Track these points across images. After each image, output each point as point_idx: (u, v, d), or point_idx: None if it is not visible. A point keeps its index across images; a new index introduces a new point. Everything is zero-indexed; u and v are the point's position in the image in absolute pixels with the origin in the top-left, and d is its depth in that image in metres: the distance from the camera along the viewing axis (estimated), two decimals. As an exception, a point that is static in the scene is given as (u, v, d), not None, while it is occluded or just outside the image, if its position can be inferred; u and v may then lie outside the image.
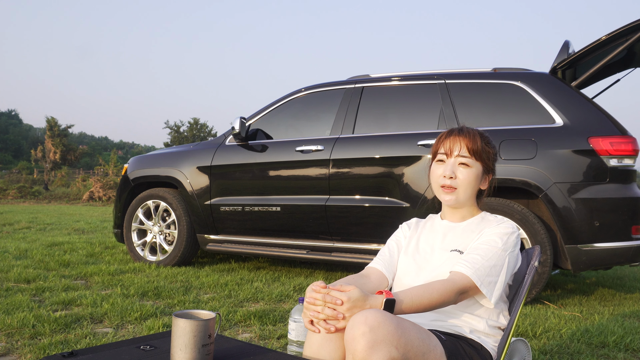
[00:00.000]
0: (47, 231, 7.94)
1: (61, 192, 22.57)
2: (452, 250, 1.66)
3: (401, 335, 1.31)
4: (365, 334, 1.27)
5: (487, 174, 1.70)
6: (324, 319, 1.40)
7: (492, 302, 1.55)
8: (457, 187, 1.65)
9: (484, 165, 1.67)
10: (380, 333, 1.28)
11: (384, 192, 4.03)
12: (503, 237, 1.59)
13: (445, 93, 4.05)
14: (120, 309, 3.12)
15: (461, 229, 1.70)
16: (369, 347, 1.27)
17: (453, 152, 1.66)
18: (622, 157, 3.53)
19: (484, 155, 1.66)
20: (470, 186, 1.66)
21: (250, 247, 4.54)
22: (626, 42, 3.59)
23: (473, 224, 1.70)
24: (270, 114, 4.75)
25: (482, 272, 1.53)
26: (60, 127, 31.97)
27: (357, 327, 1.29)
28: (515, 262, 1.62)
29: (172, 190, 4.96)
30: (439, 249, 1.69)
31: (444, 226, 1.74)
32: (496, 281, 1.55)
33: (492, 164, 1.71)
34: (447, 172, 1.65)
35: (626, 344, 2.76)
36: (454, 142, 1.67)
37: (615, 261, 3.59)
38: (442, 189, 1.68)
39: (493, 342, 1.60)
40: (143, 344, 1.51)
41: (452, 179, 1.65)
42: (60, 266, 4.66)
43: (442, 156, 1.68)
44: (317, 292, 1.41)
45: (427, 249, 1.72)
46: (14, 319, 2.82)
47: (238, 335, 2.81)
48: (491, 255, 1.56)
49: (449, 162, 1.66)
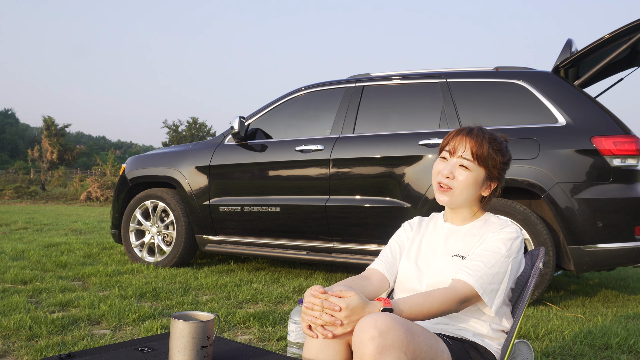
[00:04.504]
0: (44, 232, 7.91)
1: (58, 192, 22.54)
2: (453, 255, 1.63)
3: (410, 341, 1.29)
4: (374, 338, 1.25)
5: (491, 180, 1.64)
6: (321, 325, 1.37)
7: (493, 310, 1.52)
8: (453, 187, 1.62)
9: (487, 171, 1.61)
10: (390, 338, 1.26)
11: (384, 192, 4.00)
12: (507, 242, 1.56)
13: (446, 92, 4.03)
14: (118, 310, 3.10)
15: (463, 232, 1.67)
16: (377, 351, 1.24)
17: (457, 152, 1.62)
18: (626, 157, 3.51)
19: (488, 161, 1.60)
20: (467, 190, 1.61)
21: (249, 248, 4.51)
22: (629, 40, 3.57)
23: (475, 227, 1.66)
24: (270, 113, 4.72)
25: (485, 280, 1.50)
26: (57, 127, 31.92)
27: (366, 331, 1.27)
28: (518, 267, 1.59)
29: (171, 190, 4.93)
30: (440, 253, 1.66)
31: (446, 229, 1.71)
32: (498, 289, 1.53)
33: (498, 172, 1.63)
34: (446, 170, 1.62)
35: (629, 346, 2.74)
36: (460, 142, 1.62)
37: (618, 262, 3.58)
38: (438, 187, 1.65)
39: (497, 345, 1.58)
40: (141, 346, 1.52)
41: (449, 178, 1.62)
42: (57, 267, 4.64)
43: (446, 154, 1.65)
44: (315, 297, 1.38)
45: (429, 252, 1.69)
46: (10, 321, 2.80)
47: (237, 337, 2.79)
48: (494, 262, 1.53)
49: (451, 161, 1.63)
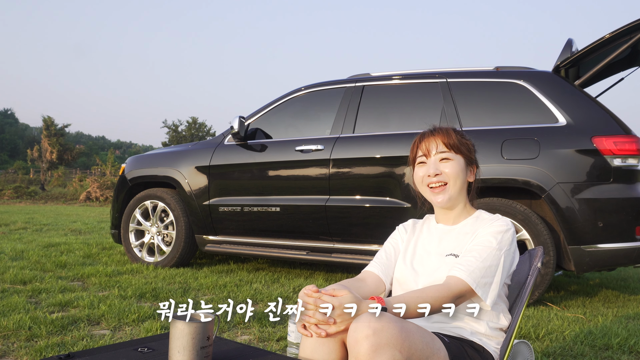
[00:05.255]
0: (44, 232, 7.90)
1: (58, 192, 22.53)
2: (447, 255, 1.63)
3: (405, 339, 1.29)
4: (368, 337, 1.26)
5: (471, 165, 1.70)
6: (315, 324, 1.37)
7: (489, 304, 1.53)
8: (446, 181, 1.64)
9: (465, 157, 1.67)
10: (384, 336, 1.26)
11: (384, 192, 4.00)
12: (497, 235, 1.57)
13: (447, 92, 4.02)
14: (117, 310, 3.10)
15: (456, 232, 1.68)
16: (372, 350, 1.25)
17: (431, 151, 1.66)
18: (626, 157, 3.50)
19: (462, 147, 1.67)
20: (459, 178, 1.65)
21: (249, 248, 4.50)
22: (630, 40, 3.56)
23: (467, 225, 1.68)
24: (270, 113, 4.71)
25: (477, 274, 1.51)
26: (57, 127, 31.88)
27: (361, 330, 1.27)
28: (511, 260, 1.60)
29: (170, 190, 4.92)
30: (435, 254, 1.67)
31: (440, 230, 1.72)
32: (491, 282, 1.53)
33: (474, 155, 1.71)
34: (431, 170, 1.64)
35: (630, 346, 2.73)
36: (430, 142, 1.67)
37: (619, 262, 3.57)
38: (430, 190, 1.67)
39: (495, 344, 1.58)
40: (141, 346, 1.52)
41: (438, 175, 1.64)
42: (56, 267, 4.63)
43: (422, 158, 1.69)
44: (309, 296, 1.39)
45: (424, 254, 1.70)
46: (10, 321, 2.80)
47: (237, 337, 2.78)
48: (486, 255, 1.54)
49: (430, 161, 1.66)
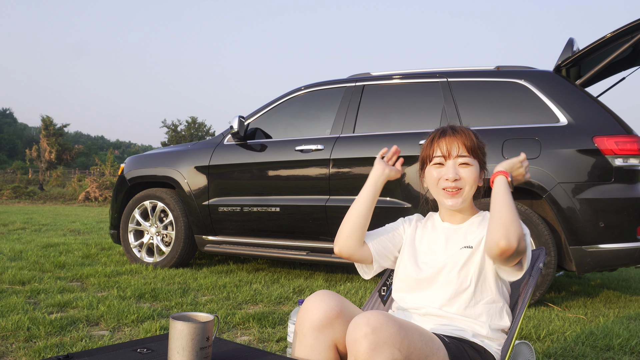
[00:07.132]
0: (42, 232, 7.89)
1: (56, 193, 22.50)
2: (462, 247, 1.62)
3: (404, 337, 1.30)
4: (367, 336, 1.26)
5: (482, 170, 1.70)
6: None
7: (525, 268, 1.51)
8: (463, 186, 1.63)
9: (480, 161, 1.67)
10: (383, 335, 1.27)
11: (385, 192, 3.98)
12: None
13: (447, 91, 4.01)
14: (116, 311, 3.08)
15: (463, 230, 1.68)
16: (371, 348, 1.26)
17: (452, 153, 1.64)
18: (628, 157, 3.49)
19: (479, 151, 1.66)
20: (474, 185, 1.65)
21: (249, 249, 4.49)
22: (631, 39, 3.55)
23: (474, 223, 1.68)
24: (270, 112, 4.70)
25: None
26: (56, 126, 31.86)
27: (360, 329, 1.28)
28: None
29: (170, 190, 4.90)
30: (441, 252, 1.67)
31: (446, 229, 1.72)
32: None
33: (485, 158, 1.71)
34: (450, 174, 1.62)
35: (631, 347, 2.73)
36: (451, 142, 1.64)
37: (620, 262, 3.56)
38: (444, 193, 1.65)
39: (496, 345, 1.57)
40: (140, 347, 1.52)
41: (457, 180, 1.62)
42: (55, 268, 4.61)
43: (440, 159, 1.65)
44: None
45: (429, 252, 1.70)
46: (8, 322, 2.78)
47: (237, 338, 2.77)
48: None
49: (449, 164, 1.64)
